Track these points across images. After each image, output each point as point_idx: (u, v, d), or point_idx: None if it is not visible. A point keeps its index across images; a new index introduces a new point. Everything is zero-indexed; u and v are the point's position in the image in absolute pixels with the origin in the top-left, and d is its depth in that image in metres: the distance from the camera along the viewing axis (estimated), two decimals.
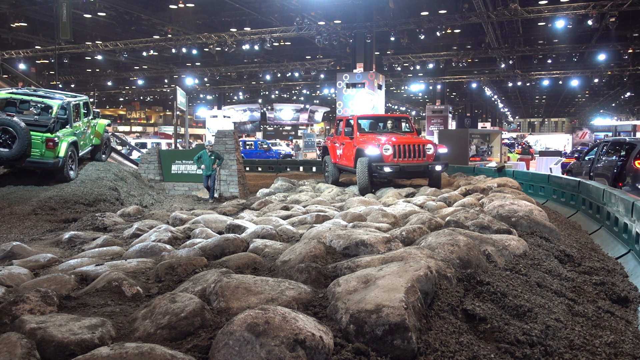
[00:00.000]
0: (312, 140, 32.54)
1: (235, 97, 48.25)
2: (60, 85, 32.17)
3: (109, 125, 14.80)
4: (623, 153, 9.71)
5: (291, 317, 2.28)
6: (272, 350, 2.09)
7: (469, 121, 34.39)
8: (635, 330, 3.17)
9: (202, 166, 12.24)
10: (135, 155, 21.14)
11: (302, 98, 51.60)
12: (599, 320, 3.21)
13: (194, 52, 28.13)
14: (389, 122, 12.96)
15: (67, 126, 11.26)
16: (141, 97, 53.32)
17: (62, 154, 10.58)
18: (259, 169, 21.75)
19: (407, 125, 12.71)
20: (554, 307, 3.16)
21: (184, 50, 27.78)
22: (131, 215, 8.53)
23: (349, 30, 23.99)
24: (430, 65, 32.21)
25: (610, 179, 9.64)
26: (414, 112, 63.96)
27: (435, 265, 3.28)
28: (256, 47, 26.12)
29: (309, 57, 34.58)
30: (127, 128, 56.98)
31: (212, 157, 12.32)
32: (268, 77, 37.18)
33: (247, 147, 30.06)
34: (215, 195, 12.78)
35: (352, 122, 12.60)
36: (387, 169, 10.59)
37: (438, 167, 10.91)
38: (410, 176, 11.77)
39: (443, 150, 11.87)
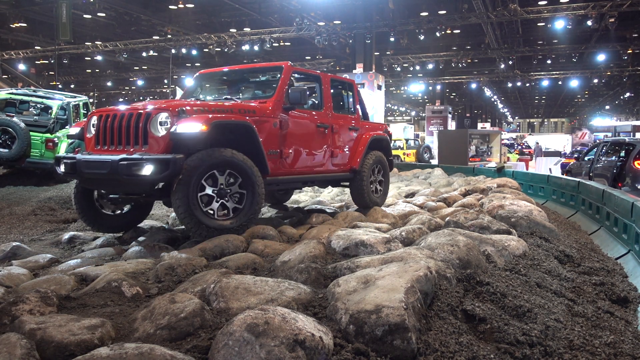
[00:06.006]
0: None
1: None
2: (60, 86, 32.16)
3: None
4: (622, 153, 9.73)
5: (291, 318, 2.28)
6: (271, 351, 2.09)
7: (468, 121, 34.34)
8: (634, 331, 3.17)
9: None
10: None
11: None
12: (598, 320, 3.20)
13: (194, 52, 28.16)
14: (258, 78, 6.50)
15: (67, 127, 11.26)
16: (141, 98, 53.33)
17: (61, 154, 10.58)
18: None
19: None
20: (554, 308, 3.16)
21: (183, 50, 27.80)
22: None
23: (348, 31, 24.00)
24: (430, 66, 32.25)
25: (610, 180, 9.65)
26: (413, 113, 63.98)
27: (435, 265, 3.28)
28: (256, 48, 26.14)
29: (309, 57, 34.59)
30: None
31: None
32: None
33: None
34: None
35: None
36: (60, 168, 5.24)
37: (143, 169, 4.42)
38: (100, 185, 5.38)
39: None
